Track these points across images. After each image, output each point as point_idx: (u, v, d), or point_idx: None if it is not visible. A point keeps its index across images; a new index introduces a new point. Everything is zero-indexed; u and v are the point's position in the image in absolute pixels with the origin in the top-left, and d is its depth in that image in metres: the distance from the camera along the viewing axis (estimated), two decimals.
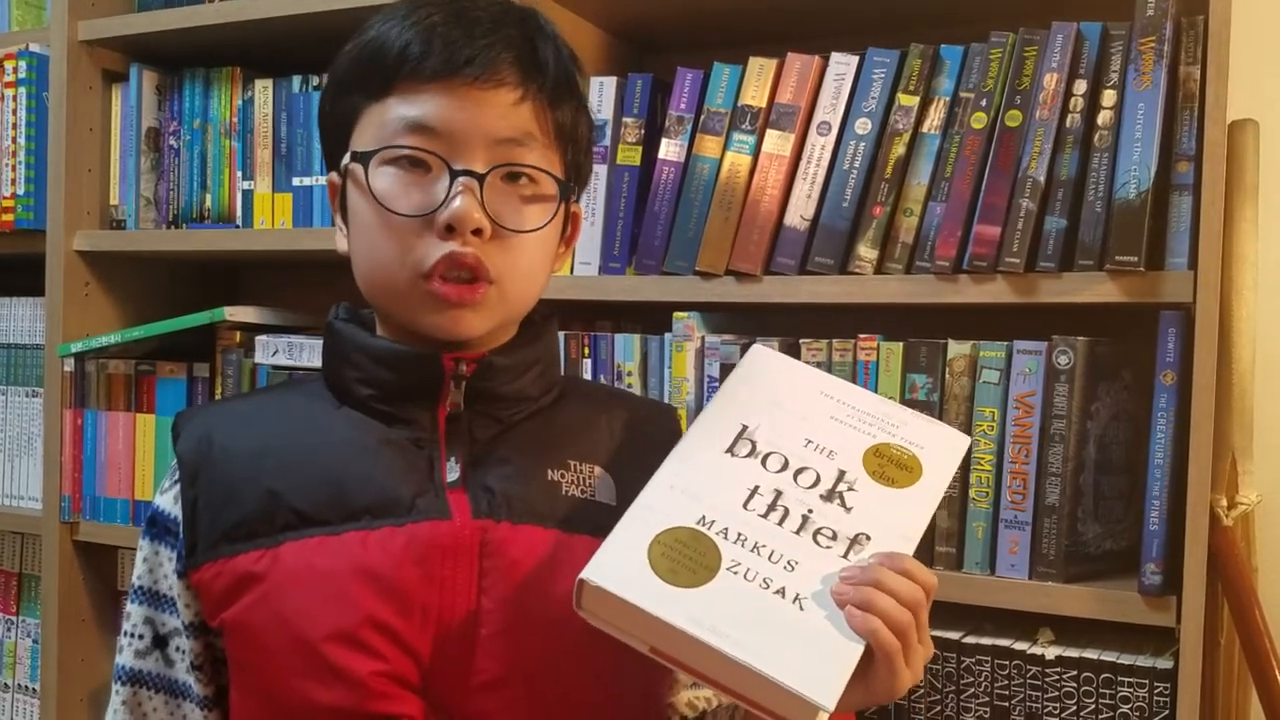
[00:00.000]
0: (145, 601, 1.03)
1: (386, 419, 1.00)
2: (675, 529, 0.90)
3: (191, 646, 1.00)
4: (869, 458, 0.98)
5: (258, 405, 1.09)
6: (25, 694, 1.98)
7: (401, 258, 0.94)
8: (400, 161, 0.94)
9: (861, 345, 1.33)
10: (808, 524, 0.92)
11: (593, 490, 1.01)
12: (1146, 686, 1.21)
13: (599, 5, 1.54)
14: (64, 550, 1.82)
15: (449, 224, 0.92)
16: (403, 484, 0.96)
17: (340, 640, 0.91)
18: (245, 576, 0.94)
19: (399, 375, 0.99)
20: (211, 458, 0.99)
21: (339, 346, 1.03)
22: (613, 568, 0.87)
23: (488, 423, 1.01)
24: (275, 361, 1.65)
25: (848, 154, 1.35)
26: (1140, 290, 1.21)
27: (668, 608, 0.85)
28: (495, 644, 0.94)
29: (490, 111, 0.94)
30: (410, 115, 0.94)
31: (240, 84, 1.75)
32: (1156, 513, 1.21)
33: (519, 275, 0.97)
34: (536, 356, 1.03)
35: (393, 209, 0.93)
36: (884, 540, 0.92)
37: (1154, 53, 1.21)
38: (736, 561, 0.89)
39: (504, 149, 0.95)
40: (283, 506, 0.95)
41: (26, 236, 1.83)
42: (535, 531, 0.97)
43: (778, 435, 0.98)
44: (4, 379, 1.92)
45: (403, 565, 0.93)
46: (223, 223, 1.76)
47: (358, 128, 0.97)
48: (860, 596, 0.87)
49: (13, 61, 1.81)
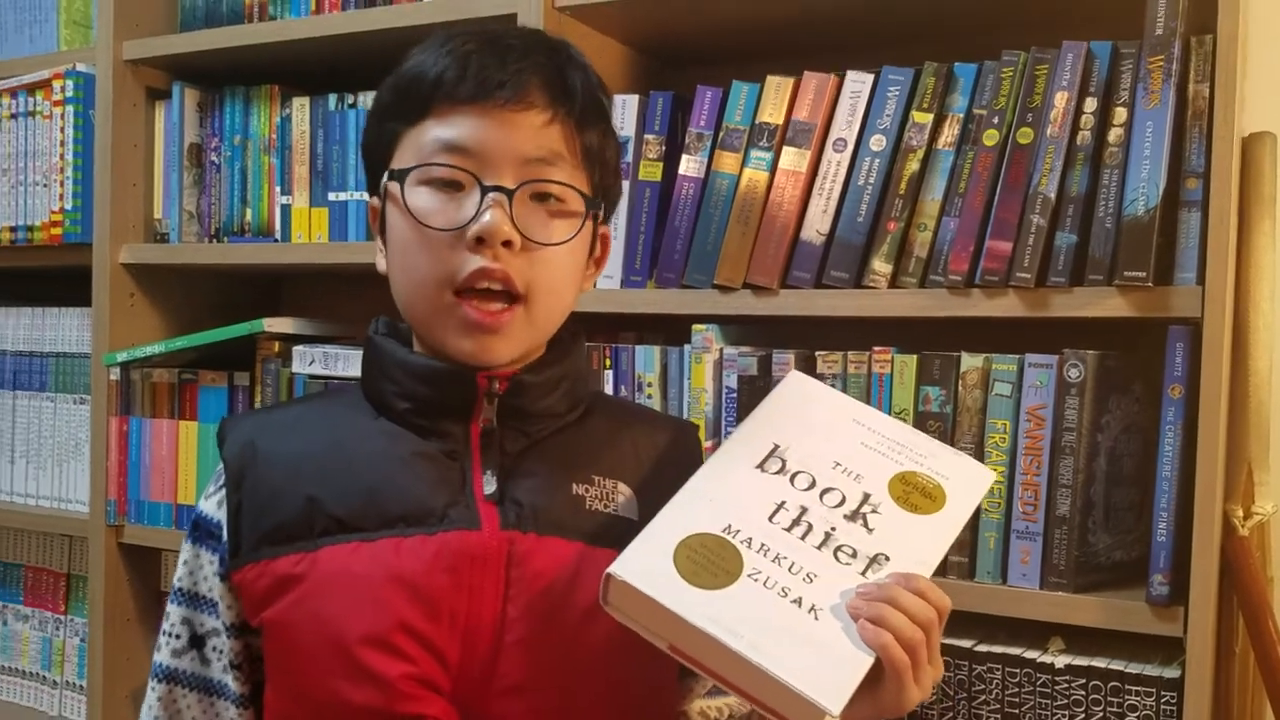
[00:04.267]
0: (184, 603, 1.08)
1: (421, 431, 1.04)
2: (702, 534, 0.95)
3: (231, 646, 1.05)
4: (895, 484, 1.01)
5: (299, 413, 1.14)
6: (73, 690, 2.04)
7: (435, 272, 0.99)
8: (434, 181, 0.99)
9: (876, 358, 1.36)
10: (830, 540, 0.96)
11: (616, 505, 1.05)
12: (1154, 695, 1.23)
13: (622, 22, 1.58)
14: (109, 552, 1.88)
15: (479, 236, 0.97)
16: (435, 494, 1.01)
17: (372, 643, 0.95)
18: (285, 578, 0.99)
19: (435, 391, 1.03)
20: (255, 463, 1.03)
21: (378, 360, 1.07)
22: (639, 565, 0.92)
23: (517, 437, 1.05)
24: (311, 371, 1.70)
25: (863, 170, 1.38)
26: (1149, 305, 1.23)
27: (688, 606, 0.89)
28: (518, 650, 0.98)
29: (520, 132, 0.98)
30: (445, 136, 0.98)
31: (279, 102, 1.80)
32: (1164, 524, 1.23)
33: (546, 289, 1.01)
34: (564, 373, 1.07)
35: (427, 224, 0.98)
36: (902, 562, 0.96)
37: (1162, 71, 1.23)
38: (757, 569, 0.93)
39: (533, 168, 0.99)
40: (321, 512, 1.00)
41: (74, 250, 1.89)
42: (559, 544, 1.01)
43: (808, 455, 1.02)
44: (53, 387, 1.99)
45: (433, 572, 0.97)
46: (262, 236, 1.81)
47: (397, 151, 1.02)
48: (874, 611, 0.90)
49: (60, 81, 1.87)
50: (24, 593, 2.12)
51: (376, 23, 1.64)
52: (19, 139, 1.93)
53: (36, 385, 2.00)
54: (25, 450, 2.01)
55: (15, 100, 1.93)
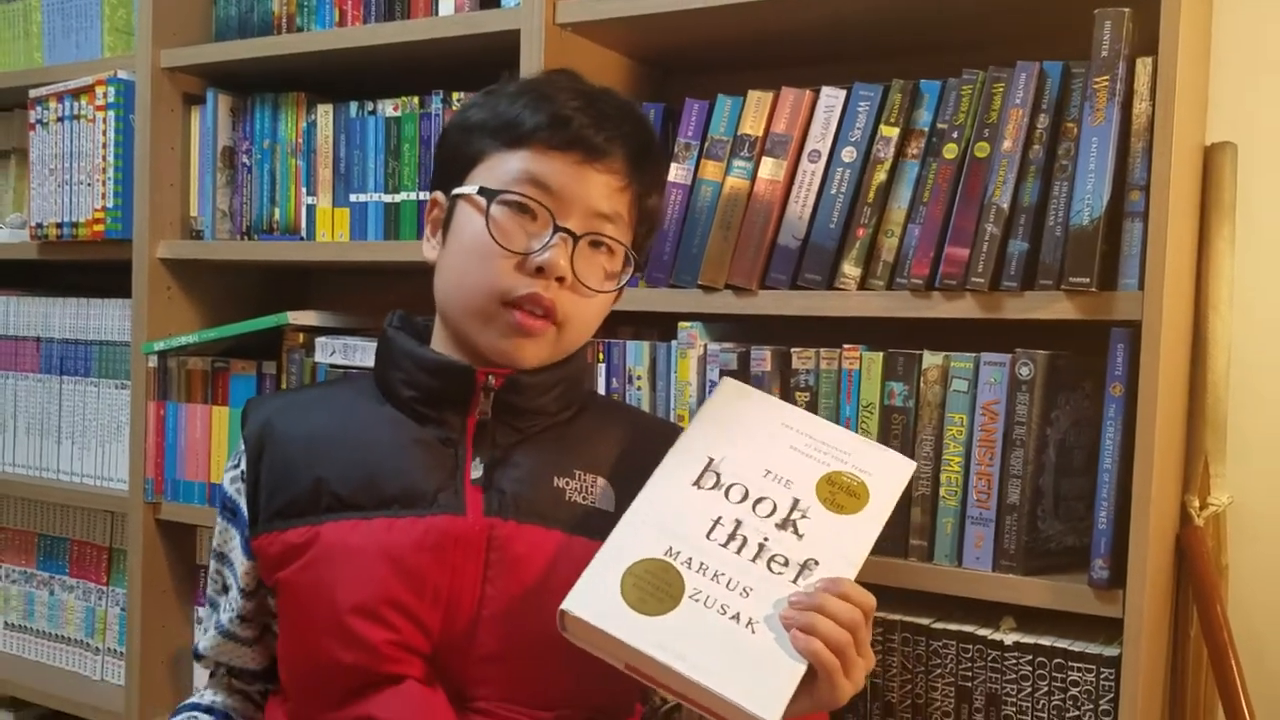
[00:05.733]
0: (215, 558, 1.25)
1: (421, 419, 1.16)
2: (645, 560, 1.05)
3: (243, 604, 1.21)
4: (822, 486, 1.12)
5: (316, 396, 1.29)
6: (113, 656, 2.18)
7: (492, 282, 1.11)
8: (514, 204, 1.12)
9: (846, 355, 1.46)
10: (763, 552, 1.06)
11: (594, 498, 1.17)
12: (1094, 672, 1.32)
13: (620, 37, 1.68)
14: (148, 528, 2.00)
15: (540, 266, 1.10)
16: (427, 479, 1.13)
17: (361, 613, 1.08)
18: (294, 546, 1.13)
19: (439, 382, 1.16)
20: (273, 440, 1.18)
21: (390, 351, 1.20)
22: (589, 599, 1.02)
23: (508, 431, 1.17)
24: (332, 361, 1.82)
25: (835, 180, 1.47)
26: (1093, 308, 1.32)
27: (637, 636, 1.00)
28: (495, 624, 1.10)
29: (597, 190, 1.13)
30: (535, 170, 1.12)
31: (304, 108, 1.91)
32: (1105, 513, 1.32)
33: (579, 323, 1.16)
34: (561, 378, 1.19)
35: (500, 240, 1.11)
36: (831, 564, 1.06)
37: (1107, 91, 1.32)
38: (698, 590, 1.03)
39: (597, 221, 1.14)
40: (326, 490, 1.13)
41: (115, 245, 2.00)
42: (537, 531, 1.13)
43: (740, 466, 1.12)
44: (96, 373, 2.12)
45: (420, 551, 1.09)
46: (289, 234, 1.93)
47: (482, 165, 1.15)
48: (803, 621, 1.01)
49: (103, 87, 1.99)
50: (70, 565, 2.26)
51: (394, 35, 1.74)
52: (65, 141, 2.05)
53: (81, 371, 2.13)
54: (71, 432, 2.15)
55: (62, 104, 2.05)
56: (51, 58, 2.21)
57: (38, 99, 2.09)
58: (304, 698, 1.14)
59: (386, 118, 1.81)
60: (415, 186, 1.79)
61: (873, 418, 1.43)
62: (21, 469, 2.22)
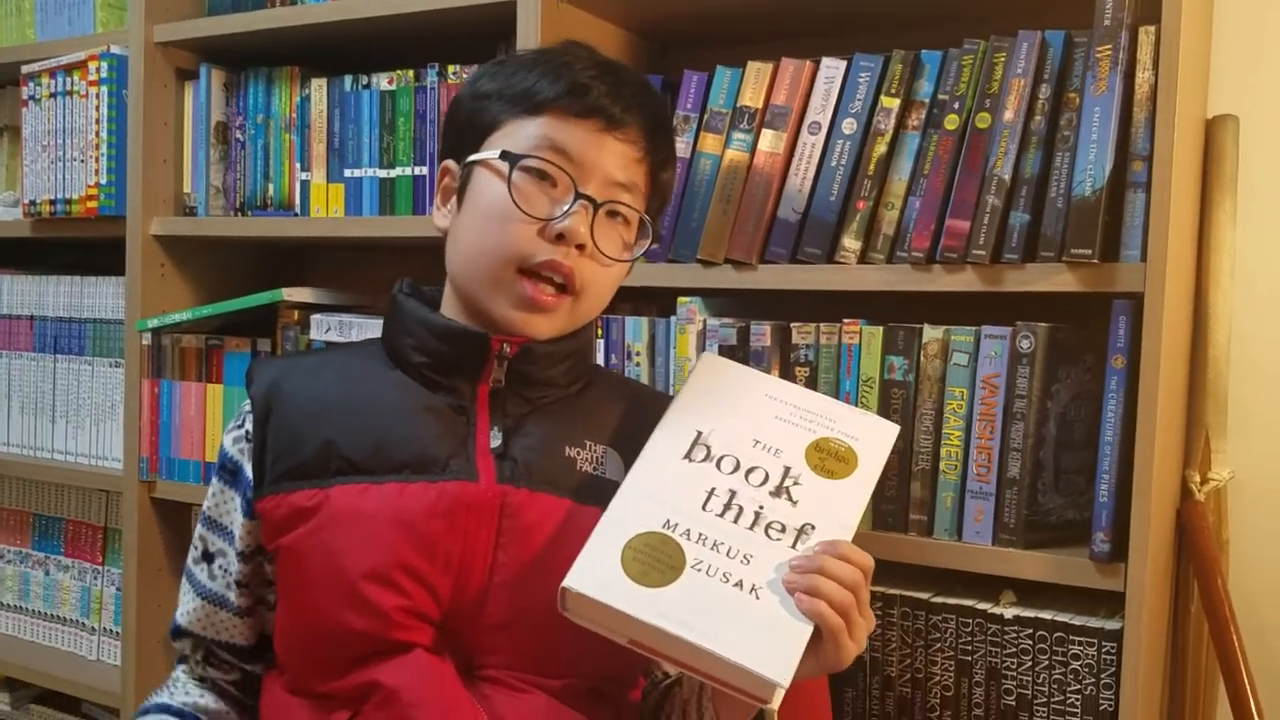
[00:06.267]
0: (204, 524, 1.22)
1: (432, 385, 1.15)
2: (644, 534, 1.05)
3: (239, 569, 1.18)
4: (810, 453, 1.11)
5: (323, 360, 1.27)
6: (109, 637, 2.17)
7: (509, 247, 1.11)
8: (535, 170, 1.11)
9: (846, 329, 1.45)
10: (760, 519, 1.06)
11: (604, 468, 1.16)
12: (1095, 645, 1.31)
13: (619, 8, 1.67)
14: (143, 506, 1.99)
15: (561, 232, 1.10)
16: (439, 445, 1.12)
17: (373, 579, 1.07)
18: (301, 510, 1.11)
19: (451, 348, 1.15)
20: (281, 401, 1.16)
21: (400, 317, 1.19)
22: (591, 574, 1.02)
23: (519, 401, 1.16)
24: (328, 338, 1.80)
25: (835, 152, 1.46)
26: (1095, 280, 1.31)
27: (641, 607, 0.99)
28: (505, 592, 1.09)
29: (616, 159, 1.13)
30: (556, 137, 1.11)
31: (298, 82, 1.89)
32: (1106, 486, 1.31)
33: (595, 291, 1.15)
34: (572, 350, 1.19)
35: (523, 207, 1.10)
36: (826, 528, 1.06)
37: (1110, 60, 1.30)
38: (699, 560, 1.03)
39: (615, 189, 1.13)
40: (336, 454, 1.12)
41: (109, 222, 1.99)
42: (549, 500, 1.12)
43: (729, 438, 1.12)
44: (90, 351, 2.10)
45: (433, 517, 1.08)
46: (283, 210, 1.91)
47: (499, 132, 1.14)
48: (807, 583, 1.01)
49: (96, 62, 1.97)
50: (65, 544, 2.25)
51: (389, 8, 1.72)
52: (58, 117, 2.04)
53: (76, 350, 2.12)
54: (65, 411, 2.14)
55: (55, 80, 2.04)
56: (44, 33, 2.19)
57: (30, 75, 2.08)
58: (306, 668, 1.12)
59: (381, 91, 1.80)
60: (410, 161, 1.77)
61: (873, 392, 1.42)
62: (16, 449, 2.21)
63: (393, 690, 1.05)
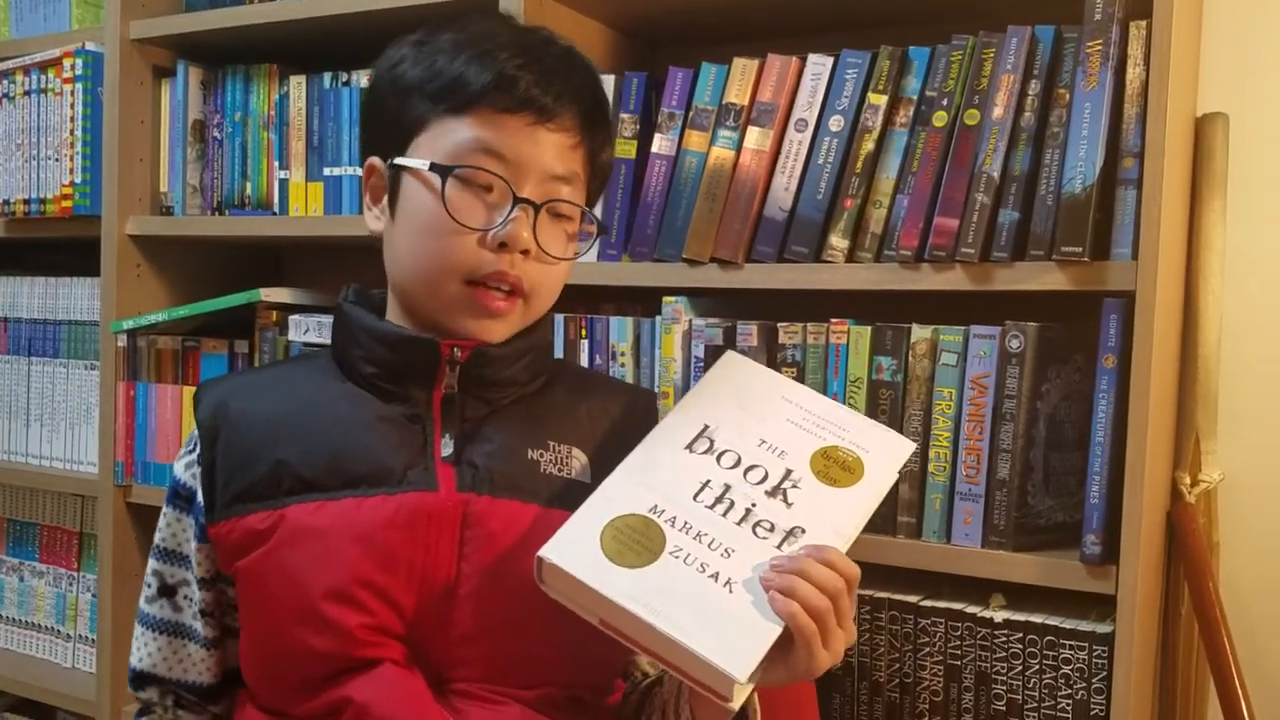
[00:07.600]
0: (159, 557, 1.17)
1: (385, 395, 1.12)
2: (628, 515, 1.02)
3: (201, 596, 1.14)
4: (816, 459, 1.09)
5: (272, 376, 1.23)
6: (85, 644, 2.13)
7: (451, 261, 1.07)
8: (467, 180, 1.07)
9: (833, 329, 1.43)
10: (750, 516, 1.04)
11: (571, 470, 1.13)
12: (1086, 649, 1.30)
13: (601, 4, 1.65)
14: (118, 511, 1.95)
15: (503, 241, 1.06)
16: (395, 457, 1.08)
17: (333, 597, 1.03)
18: (255, 533, 1.07)
19: (400, 356, 1.11)
20: (229, 423, 1.12)
21: (347, 326, 1.15)
22: (567, 547, 1.00)
23: (478, 404, 1.13)
24: (306, 339, 1.77)
25: (822, 149, 1.44)
26: (1086, 279, 1.29)
27: (609, 584, 0.97)
28: (471, 603, 1.06)
29: (551, 151, 1.08)
30: (487, 139, 1.06)
31: (277, 80, 1.87)
32: (1097, 487, 1.29)
33: (546, 291, 1.12)
34: (529, 347, 1.15)
35: (460, 220, 1.06)
36: (818, 534, 1.03)
37: (1100, 55, 1.29)
38: (679, 547, 1.01)
39: (553, 184, 1.09)
40: (289, 473, 1.08)
41: (83, 221, 1.96)
42: (514, 506, 1.09)
43: (735, 435, 1.10)
44: (65, 353, 2.07)
45: (392, 529, 1.05)
46: (261, 209, 1.89)
47: (425, 134, 1.09)
48: (783, 582, 0.97)
49: (71, 59, 1.94)
50: (39, 550, 2.21)
51: (369, 4, 1.70)
52: (32, 115, 2.01)
53: (50, 352, 2.09)
54: (39, 414, 2.10)
55: (29, 78, 2.01)
56: (18, 30, 2.16)
57: (4, 72, 2.04)
58: (275, 690, 1.09)
59: (361, 89, 1.77)
60: None
61: (860, 392, 1.40)
62: None
63: (363, 705, 1.02)
